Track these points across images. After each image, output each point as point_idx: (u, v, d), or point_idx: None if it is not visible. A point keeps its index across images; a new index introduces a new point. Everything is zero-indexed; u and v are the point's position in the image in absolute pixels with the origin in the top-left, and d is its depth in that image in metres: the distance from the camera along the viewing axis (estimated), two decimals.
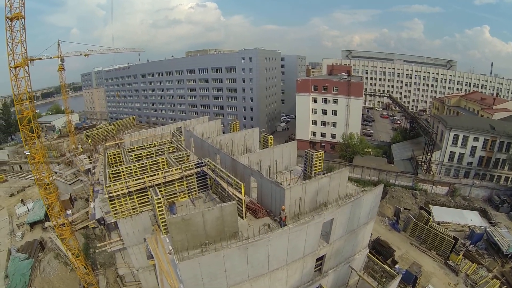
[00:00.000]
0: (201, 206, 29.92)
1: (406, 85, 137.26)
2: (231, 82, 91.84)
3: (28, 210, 61.99)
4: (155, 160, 32.85)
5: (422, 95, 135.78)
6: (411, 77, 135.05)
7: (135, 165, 31.95)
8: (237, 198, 24.92)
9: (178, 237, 21.42)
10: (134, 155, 35.95)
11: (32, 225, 55.87)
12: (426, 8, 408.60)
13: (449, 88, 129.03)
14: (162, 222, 24.91)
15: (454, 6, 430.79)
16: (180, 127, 52.30)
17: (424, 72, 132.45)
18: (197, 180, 31.71)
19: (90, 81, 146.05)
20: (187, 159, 34.08)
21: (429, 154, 61.08)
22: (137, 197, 29.16)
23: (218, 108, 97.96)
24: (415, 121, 74.00)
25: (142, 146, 39.61)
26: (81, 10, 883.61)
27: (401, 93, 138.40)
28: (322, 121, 74.79)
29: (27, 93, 35.09)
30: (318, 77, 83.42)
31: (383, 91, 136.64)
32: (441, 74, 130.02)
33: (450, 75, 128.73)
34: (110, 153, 37.03)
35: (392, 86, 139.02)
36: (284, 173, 39.26)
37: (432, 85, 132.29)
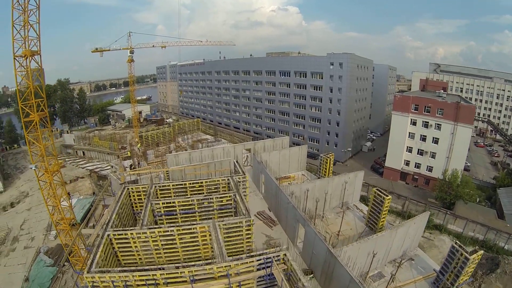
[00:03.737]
0: None
1: (506, 109, 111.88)
2: (317, 90, 78.20)
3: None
4: (191, 230, 18.48)
5: None
6: None
7: (155, 233, 18.02)
8: None
9: None
10: (163, 204, 22.02)
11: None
12: None
13: None
14: None
15: None
16: (249, 149, 38.12)
17: None
18: (257, 282, 16.60)
19: (164, 74, 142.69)
20: (247, 235, 19.05)
21: None
22: None
23: (299, 118, 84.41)
24: None
25: (182, 186, 25.71)
26: (166, 9, 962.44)
27: (498, 118, 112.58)
28: (419, 149, 61.18)
29: (32, 89, 23.87)
30: (419, 95, 67.69)
31: (478, 114, 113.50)
32: None
33: None
34: (132, 189, 23.96)
35: (489, 109, 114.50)
36: (402, 264, 22.67)
37: None
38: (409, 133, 61.75)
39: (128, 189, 24.49)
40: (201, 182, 26.32)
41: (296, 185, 27.59)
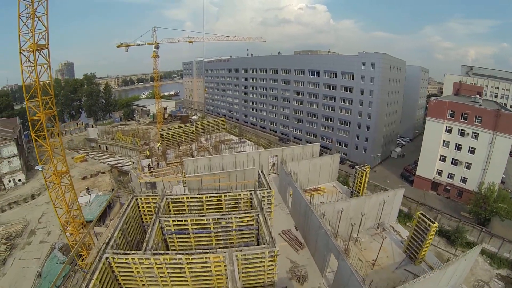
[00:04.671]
0: None
1: None
2: (347, 91, 74.00)
3: (89, 202, 54.00)
4: (203, 259, 15.49)
5: None
6: None
7: (160, 260, 15.16)
8: None
9: None
10: (173, 222, 19.17)
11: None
12: None
13: None
14: None
15: None
16: (276, 156, 34.84)
17: None
18: None
19: (190, 70, 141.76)
20: (269, 266, 15.89)
21: None
22: None
23: (328, 120, 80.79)
24: None
25: (198, 199, 22.62)
26: (195, 6, 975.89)
27: None
28: (453, 159, 57.30)
29: (38, 87, 21.94)
30: (453, 99, 62.54)
31: None
32: None
33: None
34: (141, 200, 21.31)
35: None
36: None
37: None
38: (444, 141, 57.92)
39: (136, 199, 21.88)
40: (220, 196, 23.21)
41: (328, 205, 23.96)
